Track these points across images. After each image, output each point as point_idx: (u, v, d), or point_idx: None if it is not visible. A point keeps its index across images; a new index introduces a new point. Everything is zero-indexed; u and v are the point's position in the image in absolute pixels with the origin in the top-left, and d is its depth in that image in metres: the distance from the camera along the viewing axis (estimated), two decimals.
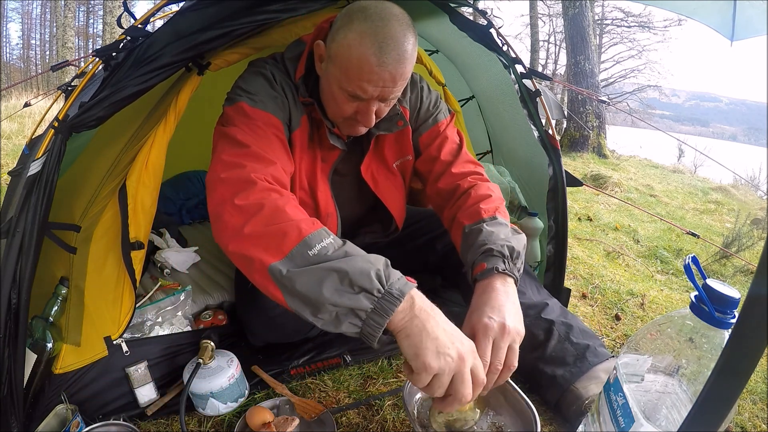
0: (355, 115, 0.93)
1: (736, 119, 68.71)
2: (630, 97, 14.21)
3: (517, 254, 0.87)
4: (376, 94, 0.87)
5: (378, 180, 1.12)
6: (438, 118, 1.15)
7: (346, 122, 0.96)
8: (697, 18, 1.31)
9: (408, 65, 0.86)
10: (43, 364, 0.91)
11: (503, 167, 2.04)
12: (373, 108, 0.90)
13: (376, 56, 0.82)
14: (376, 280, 0.63)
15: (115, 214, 0.97)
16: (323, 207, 1.07)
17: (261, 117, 0.88)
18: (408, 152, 1.14)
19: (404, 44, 0.83)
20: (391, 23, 0.83)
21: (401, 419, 1.00)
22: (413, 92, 1.12)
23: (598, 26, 12.76)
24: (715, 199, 4.49)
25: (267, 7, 0.98)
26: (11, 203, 0.89)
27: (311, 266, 0.64)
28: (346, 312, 0.64)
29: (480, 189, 1.01)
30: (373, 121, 0.93)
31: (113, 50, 0.93)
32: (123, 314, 1.00)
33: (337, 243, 0.68)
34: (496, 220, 0.92)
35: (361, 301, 0.62)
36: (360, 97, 0.88)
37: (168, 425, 0.98)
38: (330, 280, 0.62)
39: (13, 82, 13.03)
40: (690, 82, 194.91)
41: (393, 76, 0.84)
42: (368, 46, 0.81)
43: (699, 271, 0.69)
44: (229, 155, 0.80)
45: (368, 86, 0.85)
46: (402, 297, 0.63)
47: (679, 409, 0.67)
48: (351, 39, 0.83)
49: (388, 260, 0.68)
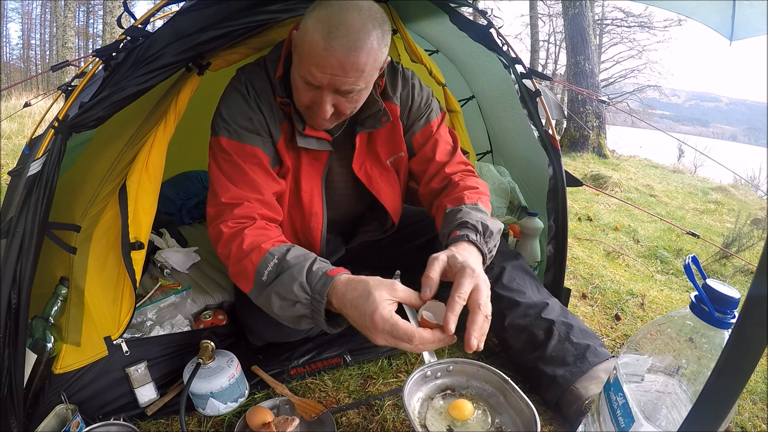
0: (312, 105, 0.92)
1: (736, 119, 68.71)
2: (630, 97, 14.21)
3: (490, 233, 0.92)
4: (326, 82, 0.85)
5: (372, 176, 1.12)
6: (430, 117, 1.15)
7: (307, 113, 0.96)
8: (697, 18, 1.31)
9: (363, 56, 0.83)
10: (43, 364, 0.91)
11: (503, 167, 2.04)
12: (327, 99, 0.89)
13: (324, 40, 0.81)
14: (301, 291, 0.76)
15: (116, 215, 0.97)
16: (307, 206, 1.08)
17: (236, 150, 0.96)
18: (400, 149, 1.14)
19: (359, 34, 0.82)
20: (349, 12, 0.82)
21: (401, 419, 1.00)
22: (405, 89, 1.11)
23: (598, 26, 12.76)
24: (715, 199, 4.48)
25: (267, 7, 0.98)
26: (11, 203, 0.89)
27: (264, 290, 0.81)
28: (297, 319, 0.79)
29: (468, 181, 1.07)
30: (327, 113, 0.91)
31: (113, 50, 0.93)
32: (123, 314, 1.00)
33: (278, 261, 0.81)
34: (476, 206, 0.97)
35: (299, 309, 0.76)
36: (311, 83, 0.87)
37: (168, 425, 0.98)
38: (273, 301, 0.79)
39: (13, 82, 13.03)
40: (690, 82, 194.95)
41: (342, 63, 0.83)
42: (319, 30, 0.82)
43: (699, 271, 0.69)
44: (211, 205, 0.95)
45: (316, 71, 0.84)
46: (323, 299, 0.74)
47: (679, 409, 0.67)
48: (308, 25, 0.84)
49: (313, 260, 0.80)
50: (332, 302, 0.74)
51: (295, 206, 1.10)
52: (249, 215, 0.92)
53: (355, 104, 0.94)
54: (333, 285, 0.74)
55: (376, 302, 0.69)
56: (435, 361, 0.96)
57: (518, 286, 1.16)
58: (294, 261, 0.80)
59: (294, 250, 0.84)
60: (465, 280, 0.75)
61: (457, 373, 0.96)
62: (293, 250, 0.84)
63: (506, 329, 1.12)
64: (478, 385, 0.95)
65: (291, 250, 0.83)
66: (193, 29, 0.93)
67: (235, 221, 0.90)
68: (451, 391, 0.95)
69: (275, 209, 0.97)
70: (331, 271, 0.77)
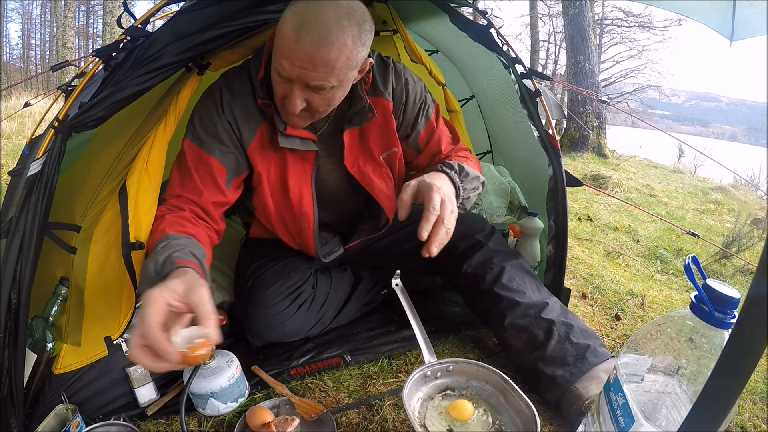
0: (284, 98, 0.92)
1: (736, 119, 68.71)
2: (630, 97, 14.21)
3: (466, 173, 1.00)
4: (295, 75, 0.85)
5: (365, 172, 1.12)
6: (429, 113, 1.16)
7: (282, 108, 0.96)
8: (697, 18, 1.31)
9: (333, 52, 0.83)
10: (43, 364, 0.91)
11: (503, 167, 2.04)
12: (296, 92, 0.88)
13: (294, 32, 0.82)
14: (152, 270, 0.77)
15: (116, 215, 0.97)
16: (297, 207, 1.09)
17: (193, 154, 0.99)
18: (393, 144, 1.13)
19: (332, 29, 0.82)
20: (325, 7, 0.83)
21: (401, 419, 1.00)
22: (398, 84, 1.11)
23: (598, 26, 12.76)
24: (715, 199, 4.48)
25: (267, 7, 0.98)
26: (11, 203, 0.89)
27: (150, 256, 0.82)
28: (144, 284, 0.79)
29: (461, 153, 1.16)
30: (296, 107, 0.90)
31: (113, 50, 0.93)
32: (123, 314, 1.00)
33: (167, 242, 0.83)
34: (461, 164, 1.03)
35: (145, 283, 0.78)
36: (282, 75, 0.87)
37: (168, 425, 0.98)
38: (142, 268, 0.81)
39: (13, 82, 13.03)
40: (690, 82, 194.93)
41: (311, 57, 0.82)
42: (292, 22, 0.83)
43: (699, 271, 0.69)
44: (159, 202, 0.99)
45: (286, 63, 0.85)
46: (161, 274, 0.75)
47: (679, 409, 0.67)
48: (285, 17, 0.85)
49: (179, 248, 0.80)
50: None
51: (285, 207, 1.10)
52: (179, 205, 0.97)
53: (328, 102, 0.93)
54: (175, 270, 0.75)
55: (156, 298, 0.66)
56: (435, 360, 0.96)
57: (518, 286, 1.16)
58: (172, 246, 0.81)
59: (185, 240, 0.85)
60: (433, 195, 0.84)
61: (457, 373, 0.96)
62: (185, 240, 0.85)
63: (506, 329, 1.12)
64: (478, 385, 0.95)
65: (183, 239, 0.85)
66: (193, 29, 0.93)
67: (166, 206, 0.97)
68: (451, 391, 0.95)
69: (210, 216, 1.01)
70: (179, 260, 0.77)
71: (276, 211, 1.12)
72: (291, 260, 1.21)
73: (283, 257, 1.21)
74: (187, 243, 0.84)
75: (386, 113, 1.09)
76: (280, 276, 1.16)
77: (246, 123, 1.01)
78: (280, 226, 1.15)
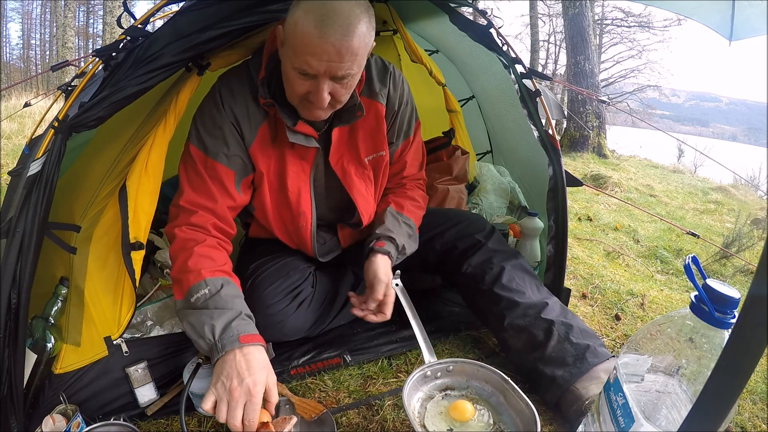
0: (307, 95, 0.93)
1: (736, 119, 68.69)
2: (630, 97, 14.20)
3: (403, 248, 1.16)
4: (323, 69, 0.87)
5: (347, 172, 1.13)
6: (410, 131, 1.22)
7: (302, 105, 0.97)
8: (697, 18, 1.31)
9: (356, 41, 0.85)
10: (43, 364, 0.91)
11: (503, 167, 2.04)
12: (324, 86, 0.90)
13: (318, 28, 0.83)
14: (210, 334, 0.86)
15: (115, 215, 0.97)
16: (294, 206, 1.10)
17: (201, 160, 1.00)
18: (381, 148, 1.14)
19: (350, 19, 0.84)
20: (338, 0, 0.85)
21: (401, 419, 1.00)
22: (396, 91, 1.13)
23: (598, 26, 12.76)
24: (715, 199, 4.48)
25: (267, 7, 0.99)
26: (11, 203, 0.89)
27: (187, 309, 0.91)
28: (195, 343, 0.89)
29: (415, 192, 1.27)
30: (325, 101, 0.92)
31: (113, 50, 0.93)
32: (123, 314, 1.00)
33: (209, 293, 0.90)
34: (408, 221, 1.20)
35: (201, 343, 0.88)
36: (308, 73, 0.88)
37: (168, 425, 0.98)
38: (186, 323, 0.90)
39: (13, 82, 13.03)
40: (690, 82, 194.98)
41: (337, 49, 0.84)
42: (310, 19, 0.84)
43: (699, 271, 0.69)
44: (173, 204, 1.02)
45: (312, 60, 0.86)
46: (223, 351, 0.84)
47: (679, 409, 0.67)
48: (297, 16, 0.86)
49: (237, 314, 0.89)
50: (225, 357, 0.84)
51: (284, 206, 1.10)
52: (203, 226, 0.98)
53: (349, 90, 0.96)
54: (236, 348, 0.84)
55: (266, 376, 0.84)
56: (435, 360, 0.96)
57: (517, 286, 1.16)
58: (221, 304, 0.89)
59: (227, 288, 0.92)
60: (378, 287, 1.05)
61: (457, 373, 0.96)
62: (226, 288, 0.92)
63: (506, 329, 1.12)
64: (478, 385, 0.95)
65: (224, 288, 0.91)
66: (193, 29, 0.93)
67: (189, 228, 0.98)
68: (451, 391, 0.95)
69: (227, 222, 1.03)
70: (243, 337, 0.86)
71: (274, 211, 1.12)
72: (290, 259, 1.20)
73: (283, 256, 1.21)
74: (232, 295, 0.92)
75: (378, 116, 1.10)
76: (280, 275, 1.16)
77: (247, 123, 1.02)
78: (278, 225, 1.14)
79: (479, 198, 1.88)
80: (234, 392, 0.79)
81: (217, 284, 0.91)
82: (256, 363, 0.84)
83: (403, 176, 1.26)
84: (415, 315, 1.07)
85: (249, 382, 0.80)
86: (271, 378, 0.85)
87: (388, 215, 1.17)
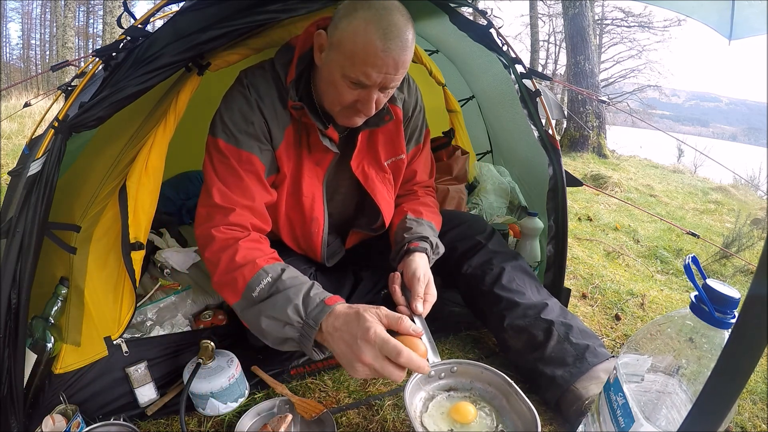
0: (355, 103, 0.94)
1: (736, 119, 68.67)
2: (630, 97, 14.22)
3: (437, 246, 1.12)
4: (379, 81, 0.89)
5: (369, 176, 1.13)
6: (421, 138, 1.22)
7: (344, 111, 0.97)
8: (696, 17, 1.31)
9: (409, 54, 0.89)
10: (43, 364, 0.91)
11: (503, 167, 2.04)
12: (374, 96, 0.92)
13: (382, 42, 0.84)
14: (295, 314, 0.78)
15: (115, 215, 0.97)
16: (308, 211, 1.09)
17: (233, 154, 0.96)
18: (400, 151, 1.15)
19: (406, 33, 0.87)
20: (393, 13, 0.87)
21: (401, 419, 1.00)
22: (410, 97, 1.15)
23: (598, 26, 12.76)
24: (715, 199, 4.48)
25: (267, 7, 0.98)
26: (11, 203, 0.89)
27: (254, 306, 0.83)
28: (283, 340, 0.81)
29: (430, 200, 1.26)
30: (373, 109, 0.94)
31: (113, 50, 0.93)
32: (123, 314, 1.00)
33: (273, 280, 0.84)
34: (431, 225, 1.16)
35: (288, 331, 0.79)
36: (363, 83, 0.89)
37: (168, 425, 0.98)
38: (263, 319, 0.81)
39: (13, 82, 13.03)
40: (690, 82, 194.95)
41: (396, 62, 0.87)
42: (373, 32, 0.84)
43: (699, 271, 0.69)
44: (203, 205, 0.96)
45: (372, 72, 0.87)
46: (317, 325, 0.76)
47: (679, 409, 0.67)
48: (356, 26, 0.86)
49: (311, 285, 0.83)
50: (322, 329, 0.77)
51: (296, 210, 1.10)
52: (242, 224, 0.93)
53: (387, 98, 0.98)
54: (329, 313, 0.77)
55: (369, 321, 0.73)
56: (439, 361, 0.96)
57: (517, 286, 1.16)
58: (290, 282, 0.83)
59: (289, 270, 0.87)
60: (416, 284, 0.95)
61: (460, 374, 0.96)
62: (288, 270, 0.87)
63: (505, 330, 1.12)
64: (482, 387, 0.95)
65: (286, 271, 0.86)
66: (193, 29, 0.93)
67: (228, 227, 0.92)
68: (454, 392, 0.95)
69: (265, 219, 0.99)
70: (328, 299, 0.80)
71: (285, 214, 1.11)
72: (291, 260, 1.20)
73: (284, 257, 1.21)
74: (295, 275, 0.86)
75: (397, 120, 1.12)
76: None
77: (276, 123, 1.00)
78: (287, 230, 1.14)
79: (479, 198, 1.88)
80: (367, 361, 0.71)
81: (277, 269, 0.86)
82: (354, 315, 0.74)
83: (415, 183, 1.26)
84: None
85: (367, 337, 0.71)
86: (380, 310, 0.76)
87: (411, 222, 1.13)
